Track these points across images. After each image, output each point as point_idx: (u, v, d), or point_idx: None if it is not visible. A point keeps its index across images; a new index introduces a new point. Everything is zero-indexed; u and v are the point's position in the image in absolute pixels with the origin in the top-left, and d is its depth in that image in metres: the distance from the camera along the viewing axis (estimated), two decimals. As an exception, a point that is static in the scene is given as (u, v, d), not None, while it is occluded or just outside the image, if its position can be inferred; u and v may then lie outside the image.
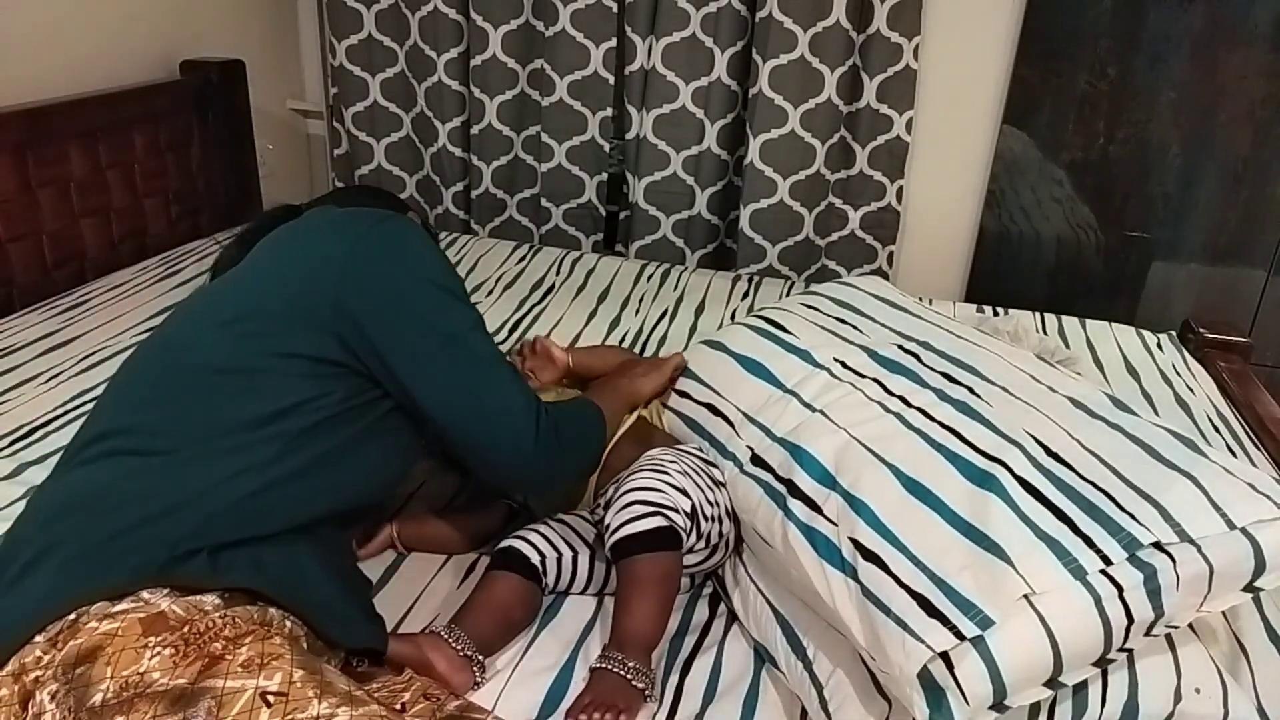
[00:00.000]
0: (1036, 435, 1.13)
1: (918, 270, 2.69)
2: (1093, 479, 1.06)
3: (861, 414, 1.22)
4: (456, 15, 2.59)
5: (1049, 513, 1.01)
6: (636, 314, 2.15)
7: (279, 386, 1.01)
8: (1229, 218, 2.50)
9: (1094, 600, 0.94)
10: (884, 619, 0.96)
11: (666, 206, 2.66)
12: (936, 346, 1.35)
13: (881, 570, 1.00)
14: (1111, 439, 1.13)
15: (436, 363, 1.07)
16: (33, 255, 1.98)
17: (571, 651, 1.14)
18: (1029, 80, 2.46)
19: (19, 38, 1.99)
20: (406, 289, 1.06)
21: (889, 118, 2.49)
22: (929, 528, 1.02)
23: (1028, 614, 0.92)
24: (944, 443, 1.13)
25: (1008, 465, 1.08)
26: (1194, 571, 0.98)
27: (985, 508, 1.02)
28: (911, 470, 1.10)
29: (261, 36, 2.75)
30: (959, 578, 0.95)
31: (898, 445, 1.14)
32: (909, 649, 0.92)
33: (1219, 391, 1.90)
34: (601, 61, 2.57)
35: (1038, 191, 2.58)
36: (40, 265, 2.00)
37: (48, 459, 1.43)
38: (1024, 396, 1.22)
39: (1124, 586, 0.95)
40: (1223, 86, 2.38)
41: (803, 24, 2.41)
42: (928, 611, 0.93)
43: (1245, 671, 1.10)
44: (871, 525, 1.05)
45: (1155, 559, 0.97)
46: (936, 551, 0.99)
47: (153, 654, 0.83)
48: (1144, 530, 0.98)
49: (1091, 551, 0.96)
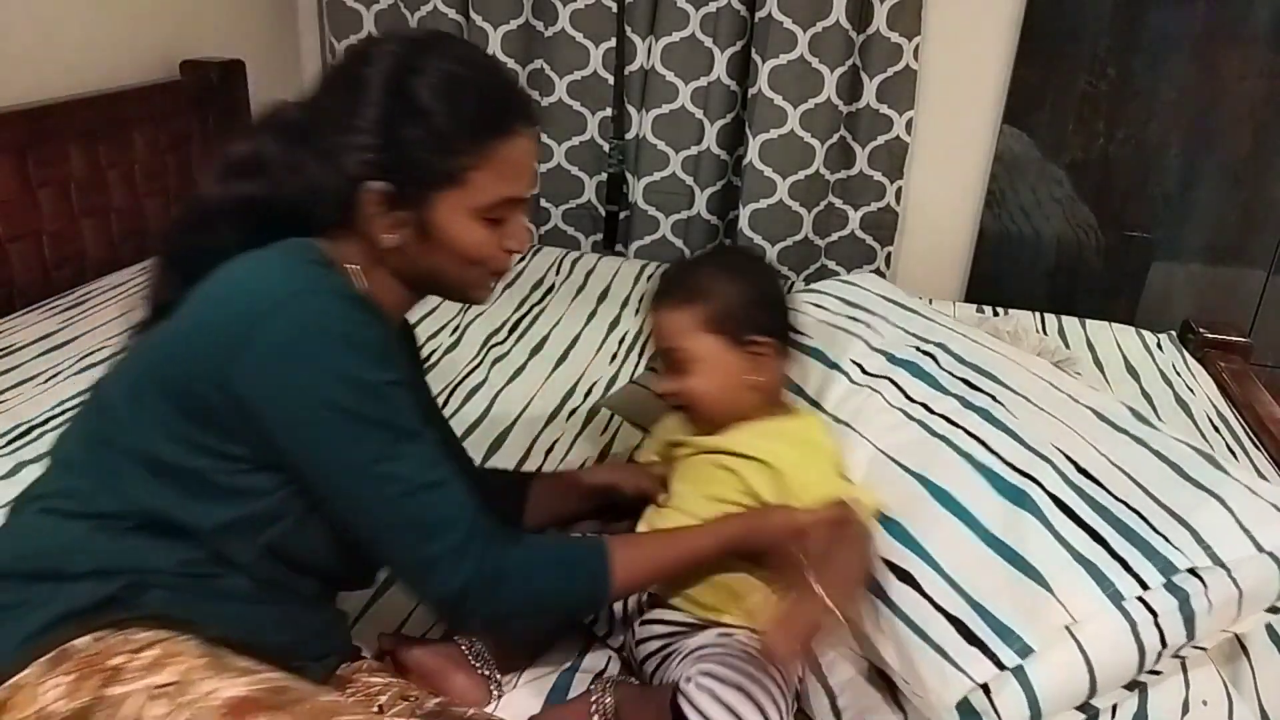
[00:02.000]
0: (1065, 450, 1.10)
1: (918, 270, 2.69)
2: (1124, 498, 1.03)
3: (885, 421, 1.19)
4: (456, 15, 2.59)
5: (1084, 533, 0.99)
6: (636, 314, 2.15)
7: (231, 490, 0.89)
8: (1229, 218, 2.50)
9: (1130, 626, 0.93)
10: (920, 644, 0.94)
11: (666, 206, 2.66)
12: (953, 349, 1.32)
13: (915, 591, 0.98)
14: (1137, 455, 1.11)
15: (344, 495, 0.89)
16: (33, 255, 1.98)
17: (575, 656, 1.13)
18: (1029, 80, 2.46)
19: (19, 38, 1.99)
20: (308, 404, 0.86)
21: (889, 118, 2.49)
22: (963, 545, 1.00)
23: (1068, 643, 0.91)
24: (971, 452, 1.10)
25: (1039, 482, 1.05)
26: (1225, 596, 0.97)
27: (1020, 527, 1.00)
28: (940, 480, 1.07)
29: (262, 36, 2.74)
30: (997, 602, 0.93)
31: (924, 454, 1.11)
32: (948, 677, 0.91)
33: (1219, 392, 1.90)
34: (601, 61, 2.57)
35: (1038, 191, 2.59)
36: (40, 265, 2.00)
37: (46, 458, 1.43)
38: (1047, 407, 1.20)
39: (1159, 612, 0.94)
40: (1223, 86, 2.38)
41: (802, 24, 2.41)
42: (966, 638, 0.92)
43: (1247, 673, 1.10)
44: (902, 541, 1.02)
45: (1188, 584, 0.95)
46: (972, 571, 0.97)
47: (53, 686, 0.79)
48: (1179, 554, 0.96)
49: (1129, 576, 0.94)
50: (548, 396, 1.76)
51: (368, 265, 0.96)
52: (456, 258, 0.96)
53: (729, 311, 1.12)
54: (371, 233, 0.93)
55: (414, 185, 0.91)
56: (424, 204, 0.92)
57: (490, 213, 0.94)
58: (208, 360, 0.86)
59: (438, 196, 0.92)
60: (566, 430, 1.64)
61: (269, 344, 0.85)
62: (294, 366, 0.85)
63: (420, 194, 0.92)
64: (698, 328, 1.12)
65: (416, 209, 0.92)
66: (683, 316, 1.13)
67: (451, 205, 0.93)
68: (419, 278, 0.99)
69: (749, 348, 1.13)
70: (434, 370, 1.81)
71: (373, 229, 0.93)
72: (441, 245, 0.94)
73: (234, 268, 0.91)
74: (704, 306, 1.12)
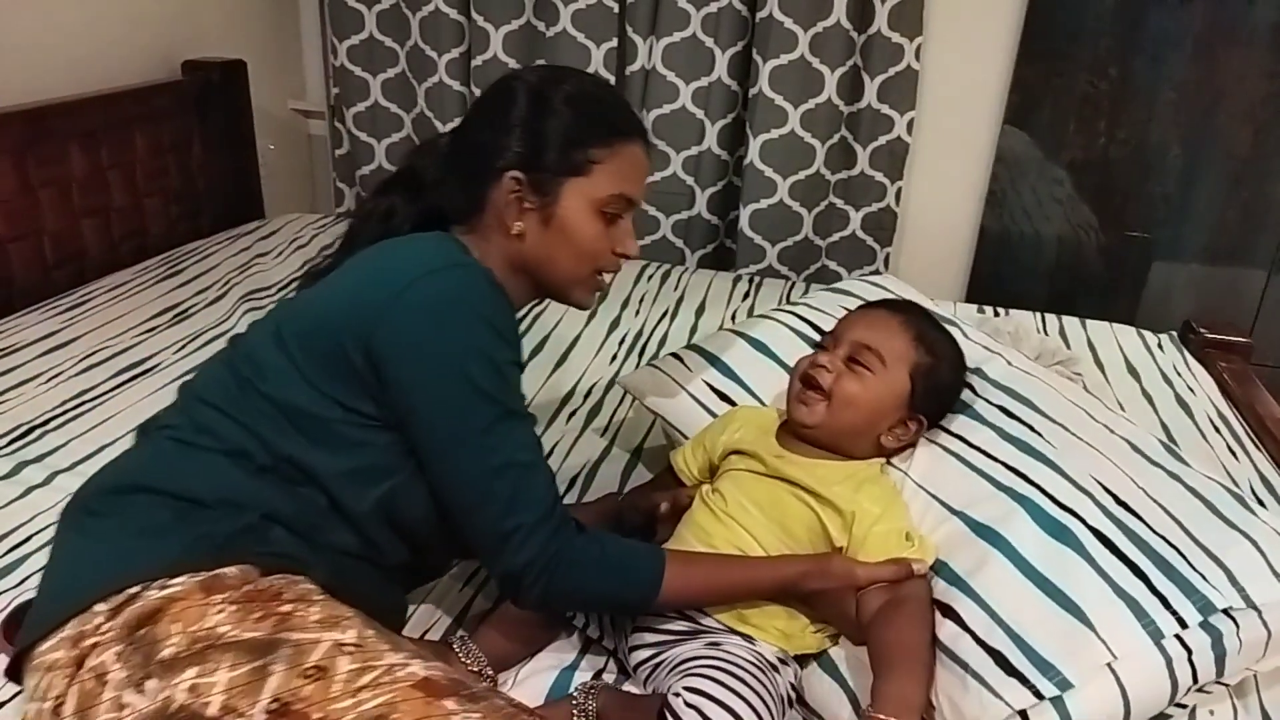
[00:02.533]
0: (1104, 482, 1.11)
1: (918, 270, 2.69)
2: (1163, 533, 1.04)
3: (923, 455, 1.19)
4: (458, 15, 2.58)
5: (1125, 567, 1.00)
6: (636, 314, 2.15)
7: (355, 442, 0.98)
8: (1229, 218, 2.50)
9: (1166, 663, 0.94)
10: (960, 672, 0.95)
11: (666, 207, 2.66)
12: (989, 375, 1.31)
13: (956, 624, 0.99)
14: (1173, 490, 1.12)
15: (447, 456, 0.98)
16: (33, 255, 1.98)
17: (575, 656, 1.13)
18: (1029, 80, 2.46)
19: (20, 38, 1.99)
20: (438, 364, 0.96)
21: (890, 118, 2.49)
22: (1005, 580, 1.00)
23: (1107, 678, 0.93)
24: (1013, 486, 1.10)
25: (1080, 516, 1.05)
26: (1254, 637, 0.98)
27: (1062, 561, 1.01)
28: (982, 517, 1.07)
29: (263, 36, 2.75)
30: (1038, 636, 0.95)
31: (965, 491, 1.11)
32: (985, 704, 0.92)
33: (1219, 392, 1.89)
34: (602, 62, 2.56)
35: (1038, 192, 2.58)
36: (40, 265, 2.00)
37: (46, 458, 1.44)
38: (1085, 438, 1.20)
39: (1193, 650, 0.95)
40: (1223, 86, 2.38)
41: (803, 24, 2.40)
42: (1005, 670, 0.93)
43: (1250, 685, 1.10)
44: (947, 579, 1.03)
45: (1223, 624, 0.97)
46: (1014, 606, 0.98)
47: (218, 610, 0.85)
48: (1217, 594, 0.98)
49: (1168, 613, 0.96)
50: (548, 396, 1.76)
51: (494, 257, 1.06)
52: (573, 249, 1.08)
53: (933, 380, 1.16)
54: (503, 221, 1.06)
55: (547, 172, 1.04)
56: (552, 192, 1.05)
57: (608, 206, 1.07)
58: (357, 318, 0.96)
59: (565, 186, 1.05)
60: (567, 431, 1.64)
61: (416, 304, 0.95)
62: (434, 329, 0.95)
63: (550, 182, 1.04)
64: (904, 361, 1.15)
65: (545, 197, 1.05)
66: (906, 343, 1.16)
67: (575, 194, 1.05)
68: (536, 269, 1.09)
69: (912, 415, 1.16)
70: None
71: (505, 217, 1.06)
72: (561, 234, 1.06)
73: (392, 243, 1.05)
74: (925, 357, 1.16)
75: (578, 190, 1.05)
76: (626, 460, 1.55)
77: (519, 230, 1.06)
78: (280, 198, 2.80)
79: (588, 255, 1.09)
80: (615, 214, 1.08)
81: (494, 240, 1.08)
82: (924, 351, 1.16)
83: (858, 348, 1.15)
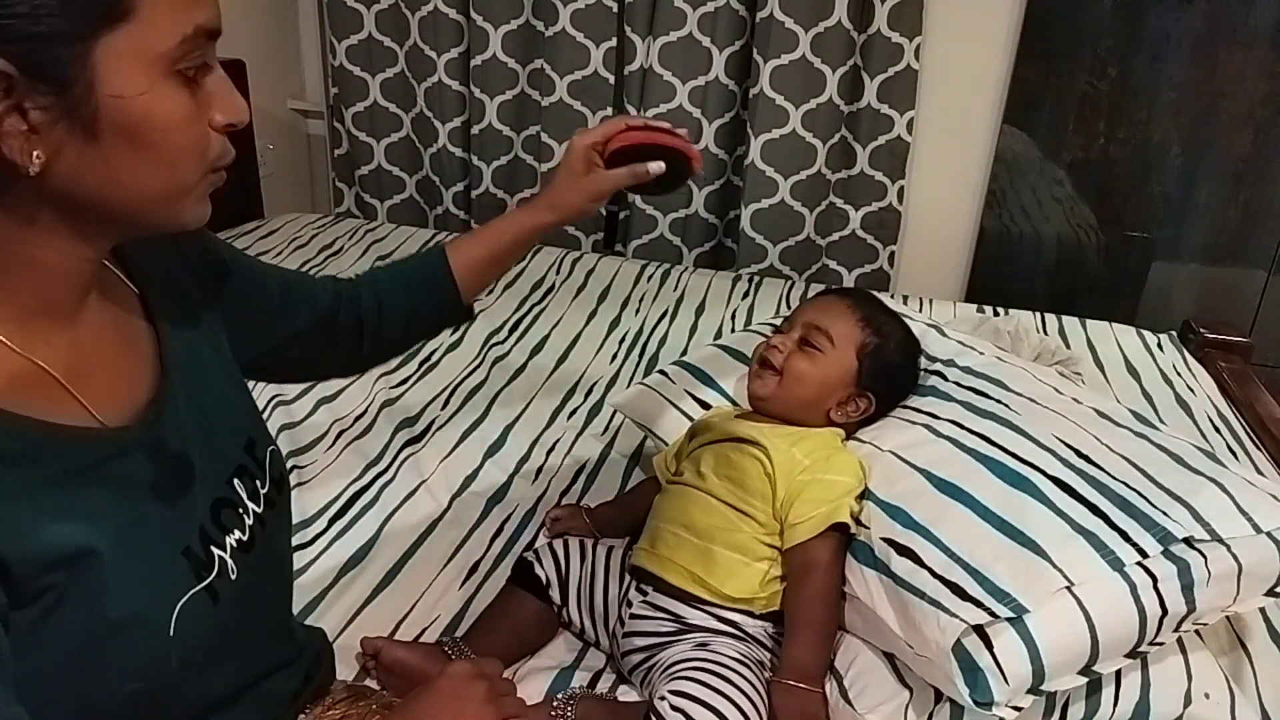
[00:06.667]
0: (1067, 440, 1.13)
1: (918, 270, 2.69)
2: (1124, 479, 1.07)
3: (889, 426, 1.22)
4: (457, 15, 2.58)
5: (1084, 508, 1.02)
6: (636, 314, 2.15)
7: None
8: (1229, 218, 2.50)
9: (1130, 589, 0.96)
10: (917, 602, 0.98)
11: (664, 205, 2.65)
12: (960, 364, 1.34)
13: (914, 562, 1.01)
14: (1139, 445, 1.15)
15: None
16: (32, 255, 1.97)
17: (574, 656, 1.13)
18: (1029, 80, 2.46)
19: (19, 37, 1.99)
20: None
21: (890, 118, 2.49)
22: (963, 523, 1.03)
23: (1067, 600, 0.94)
24: (975, 447, 1.13)
25: (1041, 468, 1.08)
26: (1224, 569, 1.00)
27: (1021, 506, 1.03)
28: (945, 474, 1.10)
29: (262, 36, 2.74)
30: (994, 568, 0.97)
31: (929, 452, 1.14)
32: (944, 624, 0.94)
33: (1219, 392, 1.90)
34: (602, 61, 2.56)
35: (1038, 191, 2.59)
36: (40, 265, 1.99)
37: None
38: (1051, 406, 1.22)
39: (1158, 578, 0.97)
40: (1223, 86, 2.38)
41: (804, 24, 2.40)
42: (960, 596, 0.95)
43: (1248, 673, 1.10)
44: (905, 525, 1.05)
45: (1188, 555, 0.99)
46: (970, 544, 1.00)
47: None
48: (1177, 526, 1.00)
49: (1128, 545, 0.98)
50: (548, 396, 1.76)
51: (8, 241, 0.62)
52: (152, 151, 0.62)
53: (880, 359, 1.21)
54: (6, 163, 0.57)
55: (50, 44, 0.56)
56: (77, 75, 0.58)
57: (180, 60, 0.62)
58: None
59: (95, 55, 0.58)
60: (567, 430, 1.64)
61: None
62: None
63: (64, 59, 0.57)
64: (852, 341, 1.21)
65: (63, 92, 0.57)
66: (853, 324, 1.22)
67: (121, 59, 0.59)
68: (95, 213, 0.63)
69: (861, 391, 1.21)
70: (434, 370, 1.81)
71: (8, 152, 0.57)
72: (123, 137, 0.60)
73: None
74: (872, 337, 1.22)
75: (120, 53, 0.58)
76: (627, 460, 1.55)
77: (39, 163, 0.58)
78: (279, 197, 2.80)
79: (180, 151, 0.65)
80: (195, 66, 0.64)
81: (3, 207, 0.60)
82: (871, 333, 1.22)
83: (809, 329, 1.21)
